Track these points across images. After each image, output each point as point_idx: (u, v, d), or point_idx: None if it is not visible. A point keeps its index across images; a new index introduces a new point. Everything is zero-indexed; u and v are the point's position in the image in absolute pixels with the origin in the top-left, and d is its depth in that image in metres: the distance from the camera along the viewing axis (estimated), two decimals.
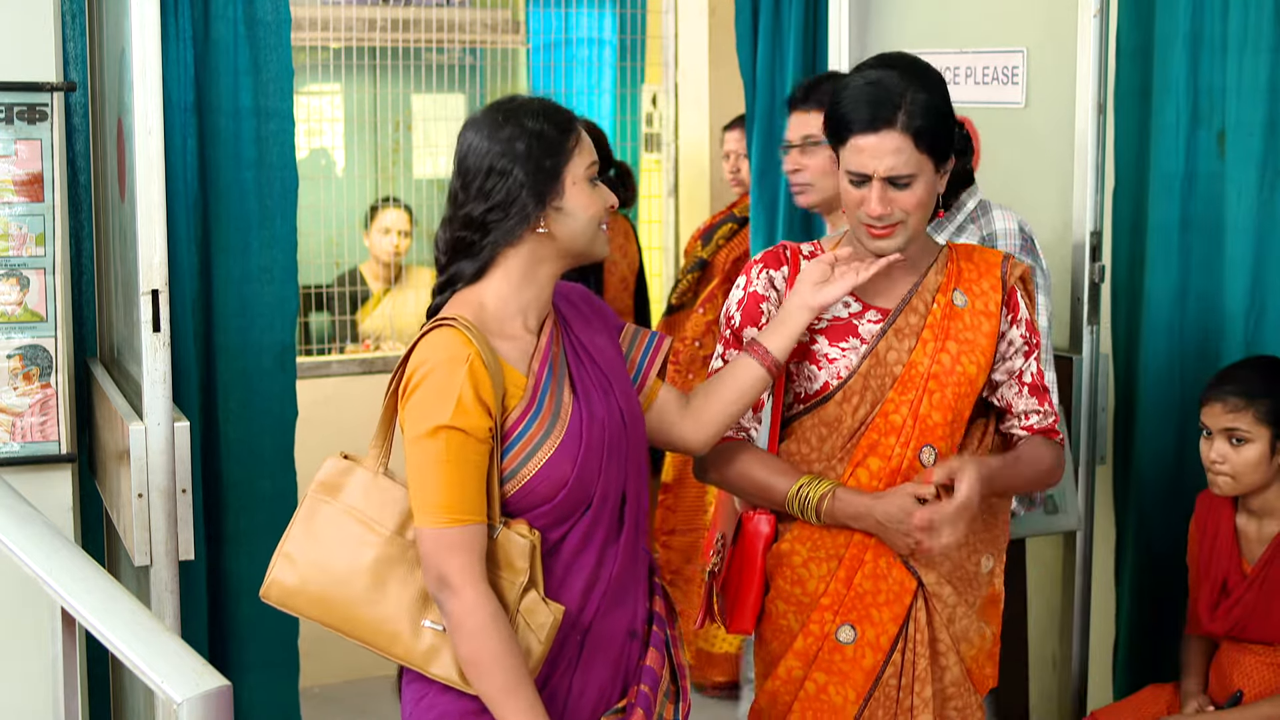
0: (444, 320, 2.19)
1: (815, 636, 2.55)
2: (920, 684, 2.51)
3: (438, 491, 2.12)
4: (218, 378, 3.45)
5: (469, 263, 2.24)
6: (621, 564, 2.27)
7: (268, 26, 3.42)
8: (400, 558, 2.19)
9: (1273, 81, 3.17)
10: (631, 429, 2.31)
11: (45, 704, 3.13)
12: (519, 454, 2.18)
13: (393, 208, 5.39)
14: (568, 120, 2.25)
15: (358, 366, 5.10)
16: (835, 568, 2.53)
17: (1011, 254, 2.65)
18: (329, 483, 2.25)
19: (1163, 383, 3.45)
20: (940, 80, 2.48)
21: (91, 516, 3.39)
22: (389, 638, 2.19)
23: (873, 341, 2.51)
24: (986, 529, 2.59)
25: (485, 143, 2.21)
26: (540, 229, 2.21)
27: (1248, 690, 3.00)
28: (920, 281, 2.53)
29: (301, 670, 3.70)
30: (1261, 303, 3.23)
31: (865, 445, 2.50)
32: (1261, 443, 2.96)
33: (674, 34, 5.70)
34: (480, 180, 2.20)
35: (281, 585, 2.23)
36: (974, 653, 2.59)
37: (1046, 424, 2.62)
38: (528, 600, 2.17)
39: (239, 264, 3.44)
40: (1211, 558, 3.07)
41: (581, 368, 2.29)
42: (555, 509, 2.20)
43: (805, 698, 2.56)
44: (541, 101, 2.26)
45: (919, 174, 2.42)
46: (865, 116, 2.41)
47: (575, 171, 2.23)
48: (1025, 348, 2.59)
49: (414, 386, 2.17)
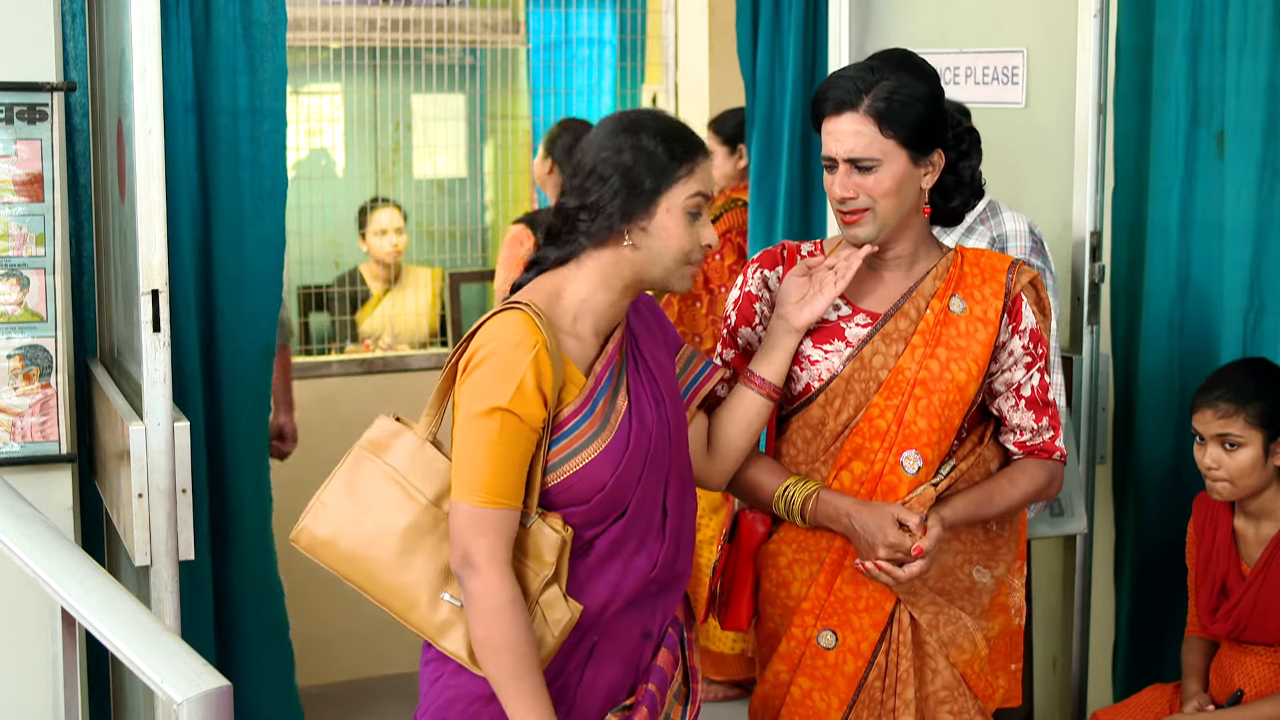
0: (517, 303, 2.20)
1: (798, 641, 2.55)
2: (903, 685, 2.50)
3: (482, 471, 2.13)
4: (217, 376, 3.46)
5: (555, 250, 2.27)
6: (657, 574, 2.28)
7: (264, 26, 3.42)
8: (432, 528, 2.21)
9: (1273, 81, 3.17)
10: (676, 444, 2.33)
11: (45, 704, 3.13)
12: (563, 450, 2.20)
13: (384, 207, 5.39)
14: (687, 151, 2.24)
15: (358, 366, 5.10)
16: (817, 571, 2.53)
17: (1023, 259, 2.60)
18: (377, 442, 2.26)
19: (1162, 382, 3.45)
20: (925, 74, 2.46)
21: (91, 516, 3.39)
22: (407, 604, 2.20)
23: (858, 345, 2.50)
24: (986, 541, 2.56)
25: (602, 143, 2.24)
26: (626, 242, 2.23)
27: (1248, 690, 3.00)
28: (915, 286, 2.51)
29: (302, 670, 3.71)
30: (1261, 302, 3.23)
31: (849, 449, 2.49)
32: (1255, 446, 2.96)
33: (674, 34, 5.70)
34: (583, 178, 2.24)
35: (312, 534, 2.24)
36: (966, 658, 2.54)
37: (1040, 442, 2.57)
38: (548, 594, 2.18)
39: (234, 263, 3.45)
40: (1210, 560, 3.07)
41: (639, 378, 2.31)
42: (589, 510, 2.22)
43: (791, 703, 2.56)
44: (673, 123, 2.28)
45: (884, 160, 2.40)
46: (831, 99, 2.43)
47: (674, 200, 2.23)
48: (1027, 359, 2.53)
49: (476, 364, 2.17)
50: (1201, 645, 3.16)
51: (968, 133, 2.57)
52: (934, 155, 2.47)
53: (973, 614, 2.54)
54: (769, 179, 4.39)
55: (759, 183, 4.41)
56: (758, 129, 4.40)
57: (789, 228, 4.36)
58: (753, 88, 4.41)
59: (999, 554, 2.59)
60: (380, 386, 5.06)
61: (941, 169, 2.49)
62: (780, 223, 4.37)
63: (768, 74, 4.35)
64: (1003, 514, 2.55)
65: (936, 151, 2.47)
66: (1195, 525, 3.14)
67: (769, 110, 4.37)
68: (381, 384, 5.06)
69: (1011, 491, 2.54)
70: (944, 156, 2.49)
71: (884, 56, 2.47)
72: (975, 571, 2.55)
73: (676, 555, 2.32)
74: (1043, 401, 2.55)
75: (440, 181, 5.74)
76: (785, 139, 4.33)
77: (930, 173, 2.47)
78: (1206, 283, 3.35)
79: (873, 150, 2.40)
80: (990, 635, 2.57)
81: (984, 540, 2.56)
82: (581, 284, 2.26)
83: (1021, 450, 2.57)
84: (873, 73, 2.41)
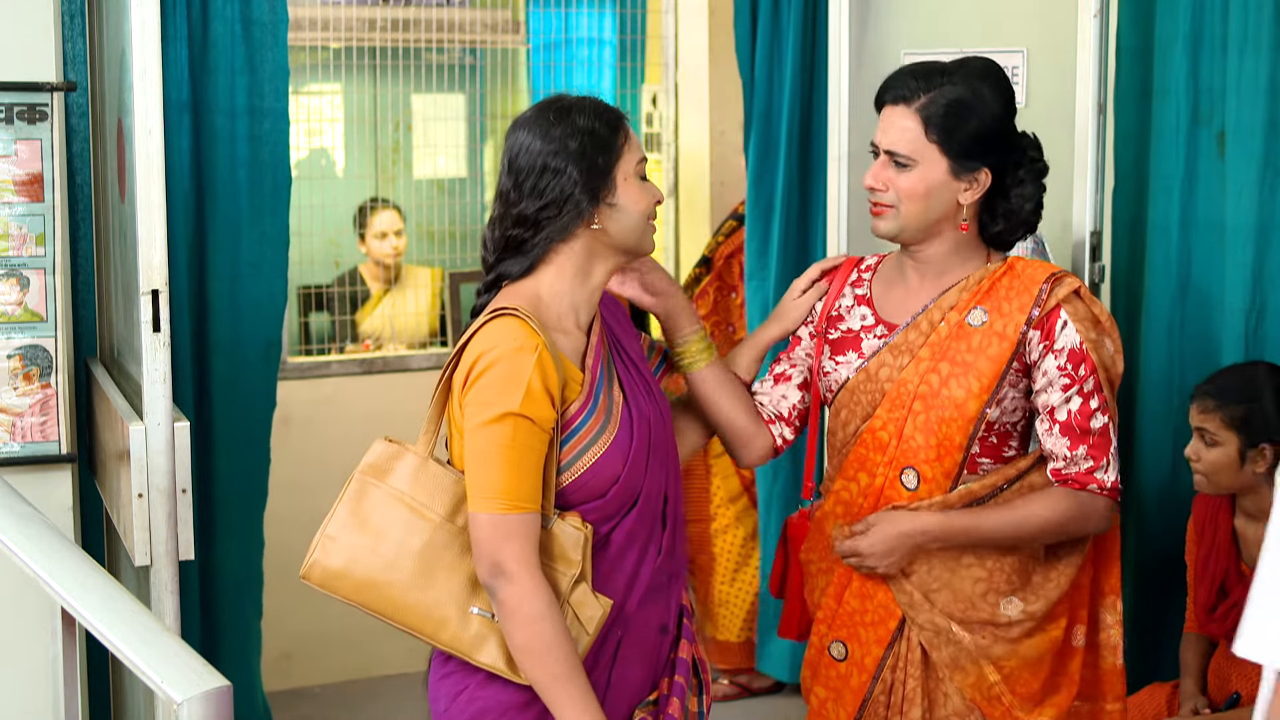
0: (505, 310, 2.19)
1: (815, 649, 2.56)
2: (909, 704, 2.46)
3: (499, 478, 2.11)
4: (210, 375, 3.46)
5: (516, 261, 2.26)
6: (661, 562, 2.29)
7: (264, 26, 3.42)
8: (449, 544, 2.19)
9: (1273, 81, 3.17)
10: (669, 429, 2.36)
11: (45, 704, 3.13)
12: (574, 448, 2.20)
13: (383, 209, 5.39)
14: (617, 117, 2.27)
15: (357, 366, 5.10)
16: (828, 583, 2.54)
17: (1068, 271, 2.47)
18: (378, 465, 2.23)
19: (1162, 383, 3.45)
20: (1000, 90, 2.40)
21: (91, 516, 3.39)
22: (436, 624, 2.17)
23: (868, 356, 2.49)
24: (1017, 572, 2.45)
25: (538, 141, 2.23)
26: (594, 225, 2.24)
27: (1246, 691, 3.00)
28: (937, 299, 2.46)
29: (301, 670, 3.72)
30: (1261, 302, 3.22)
31: (855, 460, 2.49)
32: (1230, 448, 2.96)
33: (674, 34, 5.70)
34: (534, 179, 2.22)
35: (324, 567, 2.20)
36: (971, 682, 2.44)
37: (1073, 471, 2.40)
38: (578, 592, 2.17)
39: (229, 261, 3.46)
40: (1209, 560, 3.08)
41: (625, 368, 2.32)
42: (605, 504, 2.22)
43: (812, 711, 2.58)
44: (592, 100, 2.28)
45: (920, 160, 2.38)
46: (893, 89, 2.42)
47: (626, 168, 2.25)
48: (1064, 380, 2.38)
49: (479, 373, 2.15)
50: (1200, 643, 3.16)
51: (1031, 161, 2.48)
52: (980, 173, 2.41)
53: (993, 640, 2.44)
54: (766, 179, 4.39)
55: (756, 183, 4.41)
56: (755, 129, 4.39)
57: (786, 228, 4.36)
58: (751, 88, 4.41)
59: (1035, 588, 2.45)
60: (380, 386, 5.06)
61: (987, 189, 2.43)
62: (777, 223, 4.37)
63: (766, 74, 4.35)
64: (1001, 539, 2.41)
65: (984, 170, 2.41)
66: (1195, 524, 3.14)
67: (767, 110, 4.36)
68: (381, 384, 5.06)
69: (1010, 516, 2.40)
70: (991, 176, 2.42)
71: (965, 62, 2.43)
72: (1004, 603, 2.45)
73: (675, 541, 2.33)
74: (1080, 429, 2.39)
75: (440, 181, 5.73)
76: (783, 139, 4.32)
77: (972, 189, 2.41)
78: (1207, 283, 3.35)
79: (912, 149, 2.38)
80: (1008, 661, 2.45)
81: (1015, 570, 2.45)
82: (559, 280, 2.26)
83: (1056, 479, 2.42)
84: (942, 75, 2.39)
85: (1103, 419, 2.41)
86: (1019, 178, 2.46)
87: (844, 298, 2.58)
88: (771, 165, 4.38)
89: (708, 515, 4.71)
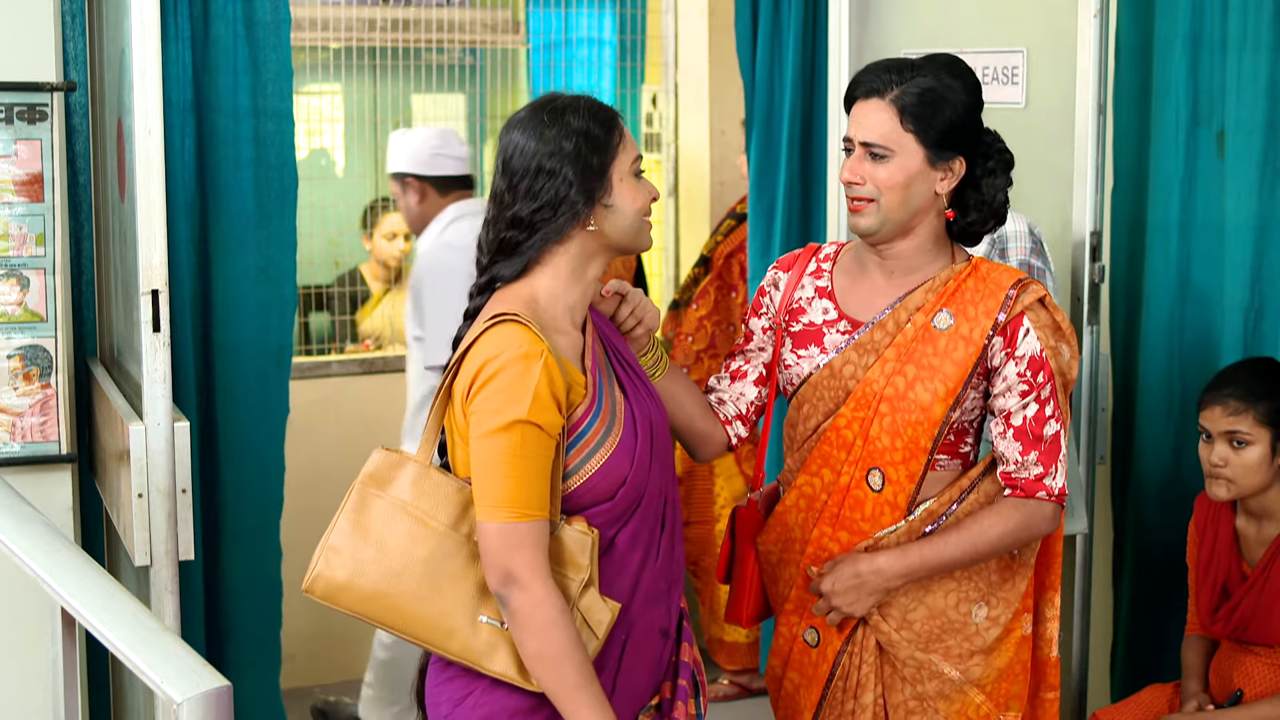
0: (506, 316, 2.16)
1: (786, 638, 2.58)
2: (861, 689, 2.49)
3: (508, 486, 2.10)
4: (215, 377, 3.45)
5: (510, 263, 2.24)
6: (660, 564, 2.29)
7: (267, 26, 3.41)
8: (455, 552, 2.16)
9: (1273, 81, 3.17)
10: (668, 429, 2.36)
11: (45, 704, 3.14)
12: (580, 451, 2.18)
13: (394, 209, 5.39)
14: (612, 117, 2.26)
15: (358, 366, 5.10)
16: (791, 575, 2.56)
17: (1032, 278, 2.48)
18: (378, 475, 2.20)
19: (1162, 383, 3.45)
20: (966, 80, 2.44)
21: (91, 516, 3.39)
22: (445, 633, 2.15)
23: (831, 352, 2.49)
24: (984, 579, 2.49)
25: (532, 143, 2.21)
26: (590, 226, 2.22)
27: (1248, 690, 3.00)
28: (904, 298, 2.47)
29: (301, 670, 3.71)
30: (1261, 302, 3.22)
31: (818, 456, 2.50)
32: (1262, 445, 2.96)
33: (674, 34, 5.70)
34: (528, 181, 2.20)
35: (329, 580, 2.17)
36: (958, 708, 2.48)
37: (1023, 477, 2.42)
38: (587, 597, 2.16)
39: (235, 263, 3.44)
40: (1211, 560, 3.07)
41: (621, 368, 2.31)
42: (612, 507, 2.21)
43: (784, 696, 2.61)
44: (586, 99, 2.27)
45: (898, 151, 2.39)
46: (864, 84, 2.44)
47: (621, 167, 2.24)
48: (1023, 387, 2.40)
49: (485, 381, 2.12)
50: (1201, 644, 3.16)
51: (999, 152, 2.50)
52: (954, 162, 2.43)
53: (967, 654, 2.49)
54: (768, 179, 4.39)
55: (758, 183, 4.41)
56: (757, 129, 4.40)
57: (788, 228, 4.36)
58: (752, 88, 4.41)
59: (997, 590, 2.50)
60: (380, 386, 5.06)
61: (961, 178, 2.45)
62: (779, 223, 4.37)
63: (767, 74, 4.35)
64: (960, 564, 2.44)
65: (958, 159, 2.43)
66: (1196, 525, 3.14)
67: (768, 110, 4.36)
68: (381, 384, 5.06)
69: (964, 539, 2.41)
70: (965, 165, 2.45)
71: (930, 57, 2.47)
72: (975, 609, 2.49)
73: (674, 543, 2.33)
74: (1034, 435, 2.41)
75: None
76: (784, 139, 4.32)
77: (948, 178, 2.44)
78: (1206, 283, 3.35)
79: (889, 139, 2.39)
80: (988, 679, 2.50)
81: (982, 577, 2.49)
82: (554, 282, 2.24)
83: (1005, 482, 2.45)
84: (912, 68, 2.41)
85: (1055, 426, 2.43)
86: (989, 168, 2.48)
87: (803, 289, 2.57)
88: (773, 165, 4.38)
89: (711, 517, 4.71)
